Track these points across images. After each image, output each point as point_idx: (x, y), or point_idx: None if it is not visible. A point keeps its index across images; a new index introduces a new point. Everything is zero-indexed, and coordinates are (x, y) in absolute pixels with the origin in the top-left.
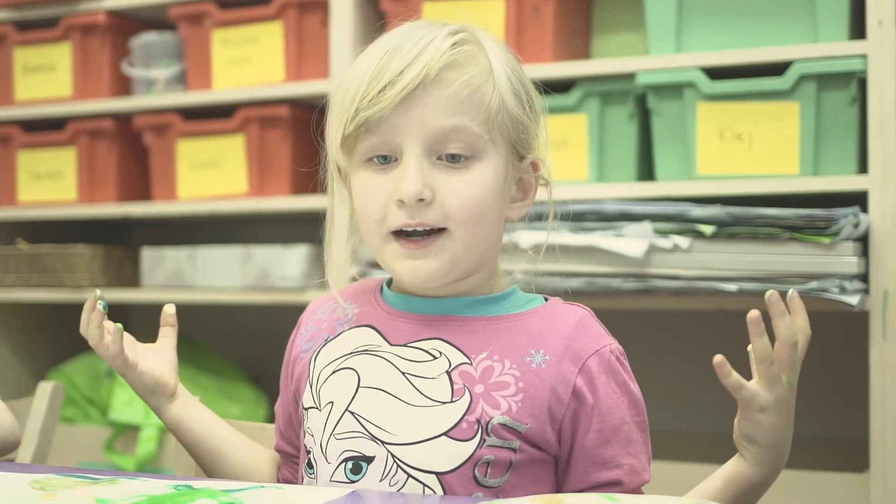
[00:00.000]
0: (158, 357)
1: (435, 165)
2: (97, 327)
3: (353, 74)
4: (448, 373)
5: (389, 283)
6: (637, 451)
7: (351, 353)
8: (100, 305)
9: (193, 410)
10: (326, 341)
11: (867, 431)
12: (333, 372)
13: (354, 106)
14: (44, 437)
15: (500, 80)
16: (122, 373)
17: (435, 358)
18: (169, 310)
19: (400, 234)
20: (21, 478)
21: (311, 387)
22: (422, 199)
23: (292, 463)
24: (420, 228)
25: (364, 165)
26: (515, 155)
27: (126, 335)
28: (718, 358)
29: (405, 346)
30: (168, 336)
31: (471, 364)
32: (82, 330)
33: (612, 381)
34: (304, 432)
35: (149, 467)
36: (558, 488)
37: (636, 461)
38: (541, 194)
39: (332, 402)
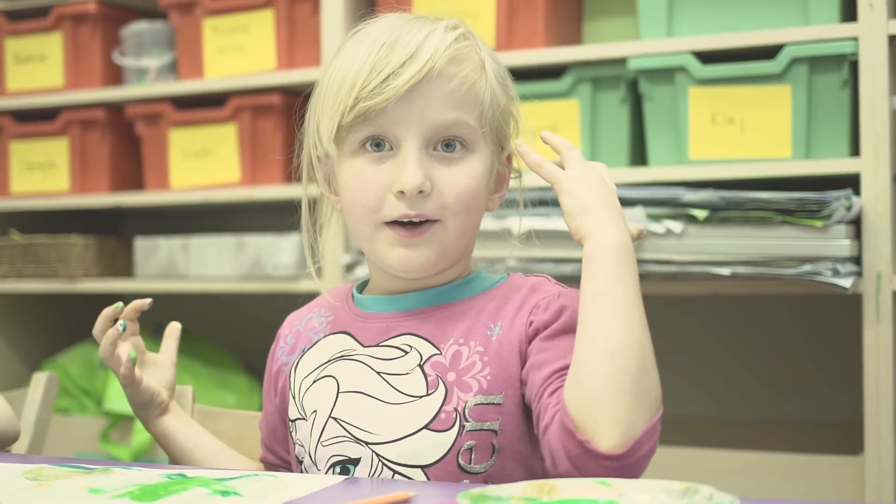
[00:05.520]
0: (159, 373)
1: (431, 157)
2: (111, 344)
3: (346, 65)
4: (420, 366)
5: (361, 288)
6: None
7: (329, 360)
8: (119, 326)
9: (180, 424)
10: (303, 352)
11: (861, 414)
12: (314, 381)
13: (353, 95)
14: (39, 427)
15: (489, 74)
16: (124, 386)
17: (406, 353)
18: (175, 325)
19: (393, 222)
20: (14, 468)
21: (294, 398)
22: (422, 191)
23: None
24: (417, 219)
25: (356, 154)
26: (498, 148)
27: (136, 340)
28: (518, 140)
29: (377, 345)
30: (170, 350)
31: (440, 353)
32: (95, 333)
33: (553, 307)
34: (295, 444)
35: (144, 457)
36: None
37: None
38: (538, 180)
39: (315, 411)
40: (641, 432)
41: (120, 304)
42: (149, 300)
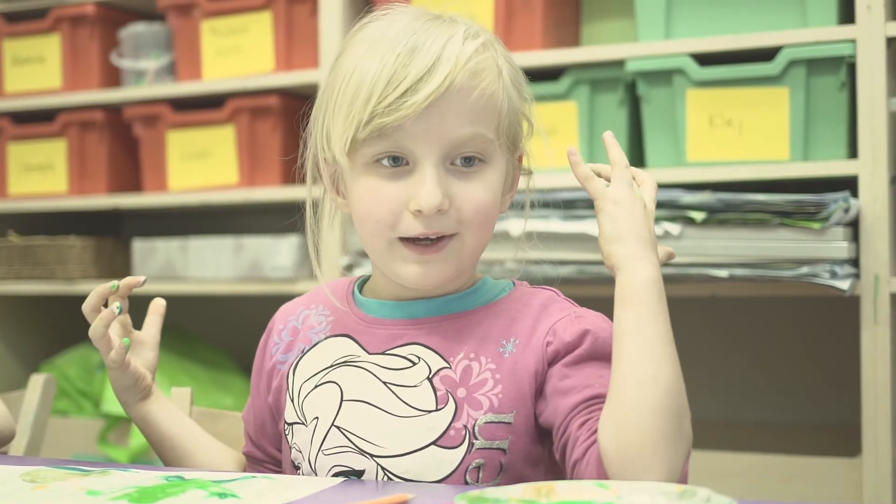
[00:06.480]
0: (143, 353)
1: (449, 171)
2: (104, 326)
3: (361, 70)
4: (429, 379)
5: (360, 286)
6: (606, 373)
7: (331, 365)
8: (115, 308)
9: (162, 409)
10: (303, 353)
11: (859, 416)
12: (316, 386)
13: (369, 110)
14: (36, 429)
15: (506, 81)
16: (111, 369)
17: (414, 364)
18: (159, 301)
19: (408, 238)
20: (12, 470)
21: (292, 401)
22: (441, 210)
23: (262, 467)
24: (434, 237)
25: (370, 168)
26: (512, 151)
27: (124, 318)
28: (571, 148)
29: (383, 353)
30: (154, 326)
31: (450, 368)
32: (85, 309)
33: (573, 329)
34: (291, 448)
35: (142, 459)
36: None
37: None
38: (544, 182)
39: (317, 418)
40: (683, 474)
41: (116, 283)
42: (143, 278)
